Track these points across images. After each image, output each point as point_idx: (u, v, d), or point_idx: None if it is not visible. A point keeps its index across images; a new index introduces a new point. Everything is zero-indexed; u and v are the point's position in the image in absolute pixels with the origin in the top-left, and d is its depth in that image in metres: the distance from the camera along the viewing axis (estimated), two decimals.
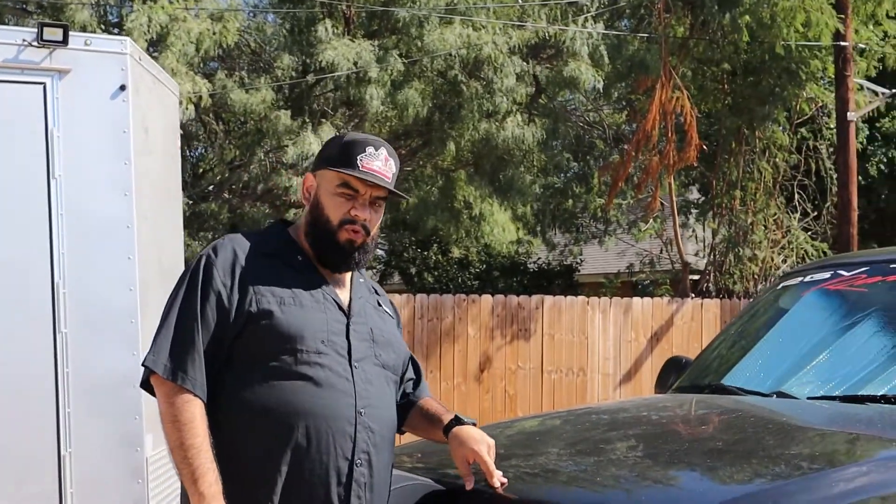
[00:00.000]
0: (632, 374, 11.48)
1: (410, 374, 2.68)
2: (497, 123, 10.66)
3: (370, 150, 2.46)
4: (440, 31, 10.13)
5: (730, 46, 12.60)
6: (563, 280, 15.59)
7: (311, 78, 10.36)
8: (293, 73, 10.12)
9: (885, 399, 2.99)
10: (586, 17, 10.85)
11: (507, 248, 14.67)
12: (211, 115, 10.34)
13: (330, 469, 2.34)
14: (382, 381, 2.48)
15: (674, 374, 4.10)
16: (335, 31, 9.87)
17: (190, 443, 2.29)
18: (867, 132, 15.40)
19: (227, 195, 10.74)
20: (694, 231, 14.13)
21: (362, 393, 2.39)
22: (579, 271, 16.46)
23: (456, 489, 2.44)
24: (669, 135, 11.30)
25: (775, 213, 13.83)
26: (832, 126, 14.89)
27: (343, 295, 2.52)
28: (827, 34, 12.05)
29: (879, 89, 13.54)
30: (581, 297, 11.07)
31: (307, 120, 10.08)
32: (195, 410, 2.32)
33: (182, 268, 5.24)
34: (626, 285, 16.86)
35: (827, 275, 3.76)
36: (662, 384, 4.14)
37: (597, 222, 13.72)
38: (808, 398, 3.19)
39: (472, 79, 10.62)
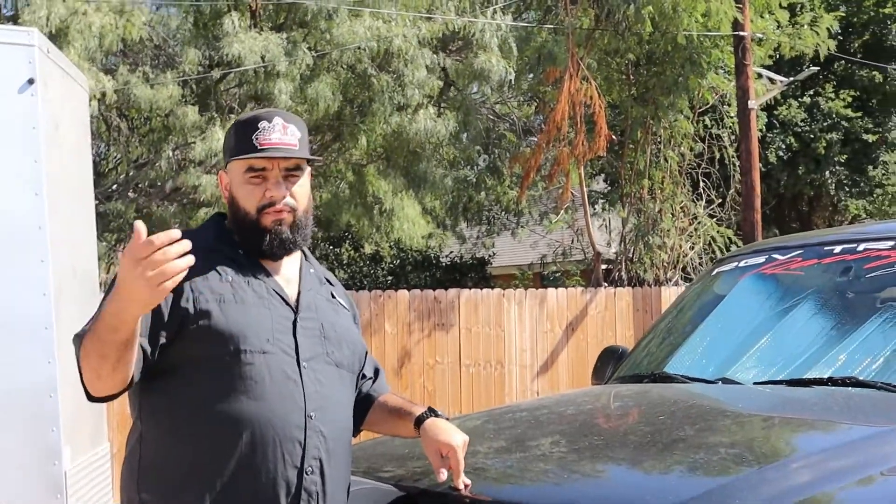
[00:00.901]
0: (549, 364, 11.53)
1: (369, 371, 2.55)
2: (409, 116, 10.56)
3: (263, 124, 2.33)
4: (350, 23, 9.98)
5: (633, 37, 12.74)
6: (475, 273, 15.59)
7: (215, 73, 10.10)
8: (199, 68, 9.85)
9: (831, 381, 2.99)
10: (495, 10, 10.82)
11: (418, 242, 14.60)
12: (115, 111, 9.99)
13: (277, 479, 2.19)
14: (336, 380, 2.34)
15: (611, 363, 4.06)
16: (241, 24, 9.63)
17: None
18: (766, 120, 15.77)
19: (132, 194, 10.40)
20: (604, 221, 14.26)
21: (312, 395, 2.25)
22: (491, 264, 16.48)
23: (415, 493, 2.34)
24: (579, 125, 11.35)
25: (682, 202, 14.05)
26: (732, 115, 15.22)
27: (290, 289, 2.38)
28: (726, 23, 12.28)
29: (778, 77, 13.86)
30: (497, 290, 11.06)
31: (215, 115, 9.83)
32: None
33: (96, 270, 5.02)
34: (538, 277, 16.95)
35: (761, 259, 3.77)
36: (600, 375, 4.10)
37: (508, 214, 13.73)
38: (755, 383, 3.18)
39: (383, 72, 10.49)
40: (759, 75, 14.06)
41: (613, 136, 11.74)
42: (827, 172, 15.69)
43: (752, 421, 2.76)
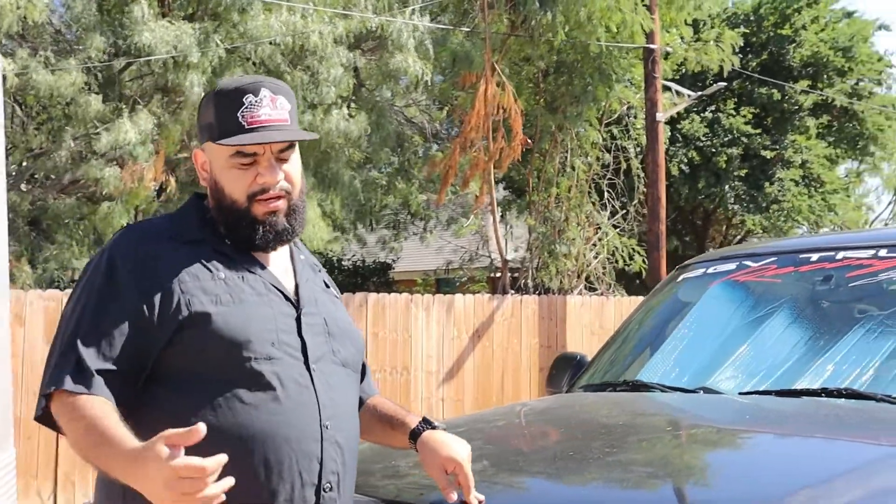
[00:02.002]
0: (454, 371, 11.40)
1: None
2: (321, 115, 10.27)
3: (249, 98, 2.00)
4: (265, 17, 9.65)
5: (545, 45, 12.73)
6: (378, 277, 15.34)
7: (119, 62, 9.63)
8: (105, 56, 9.36)
9: (825, 392, 2.89)
10: (413, 10, 10.63)
11: (322, 245, 14.29)
12: (11, 97, 9.42)
13: (295, 501, 1.92)
14: (344, 382, 2.07)
15: (569, 371, 3.91)
16: (151, 12, 9.20)
17: (94, 426, 1.82)
18: (669, 133, 16.00)
19: (26, 186, 9.81)
20: (509, 228, 14.21)
21: (326, 401, 1.98)
22: (394, 268, 16.26)
23: None
24: (490, 131, 11.25)
25: (588, 211, 14.10)
26: (638, 126, 15.39)
27: (287, 280, 2.09)
28: (640, 35, 12.38)
29: (685, 91, 14.05)
30: (405, 295, 10.86)
31: (121, 105, 9.36)
32: (95, 402, 1.85)
33: (5, 269, 4.61)
34: (437, 283, 16.82)
35: (731, 266, 3.67)
36: (556, 382, 3.94)
37: (415, 219, 13.55)
38: (741, 393, 3.06)
39: (297, 68, 10.18)
40: (667, 88, 14.23)
41: (530, 141, 11.68)
42: (727, 187, 15.99)
43: (763, 436, 2.61)
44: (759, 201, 16.10)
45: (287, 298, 2.04)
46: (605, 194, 14.68)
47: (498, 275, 13.40)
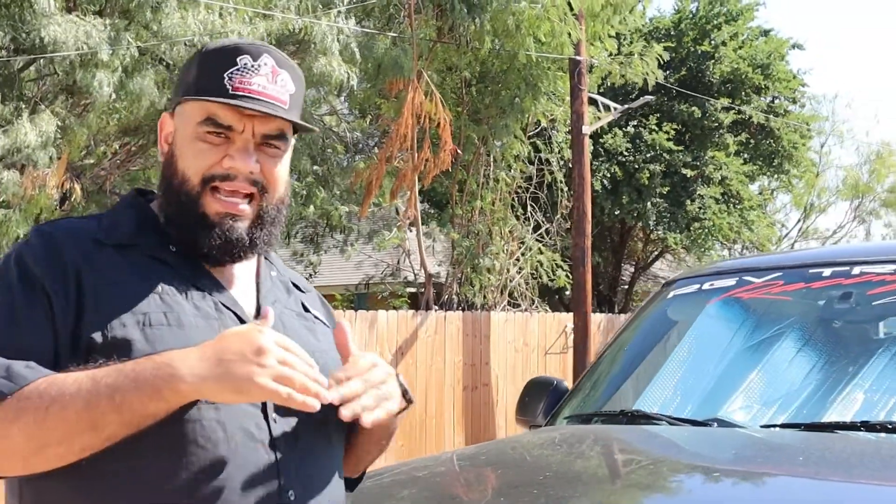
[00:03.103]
0: None
1: None
2: None
3: (244, 60, 1.55)
4: (181, 15, 9.04)
5: (471, 54, 12.39)
6: None
7: (18, 60, 8.92)
8: (4, 53, 8.64)
9: (865, 426, 2.52)
10: (339, 12, 10.14)
11: None
12: None
13: None
14: (320, 437, 1.57)
15: (545, 399, 3.48)
16: (57, 5, 8.52)
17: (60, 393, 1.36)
18: (592, 147, 15.81)
19: None
20: (433, 242, 13.81)
21: (289, 466, 1.49)
22: (313, 283, 15.68)
23: None
24: (415, 141, 10.82)
25: (512, 224, 13.79)
26: (560, 140, 15.16)
27: (246, 301, 1.61)
28: (569, 46, 12.12)
29: (612, 104, 13.86)
30: None
31: (21, 106, 8.64)
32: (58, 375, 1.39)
33: None
34: (364, 298, 16.30)
35: (731, 281, 3.29)
36: (530, 410, 3.51)
37: (334, 231, 13.03)
38: (762, 426, 2.67)
39: None
40: (593, 101, 14.03)
41: (459, 151, 11.29)
42: (648, 203, 15.85)
43: (819, 483, 2.21)
44: (680, 219, 16.01)
45: (243, 323, 1.54)
46: (529, 208, 14.40)
47: (421, 290, 12.96)
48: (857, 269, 3.02)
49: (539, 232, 14.51)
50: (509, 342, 12.80)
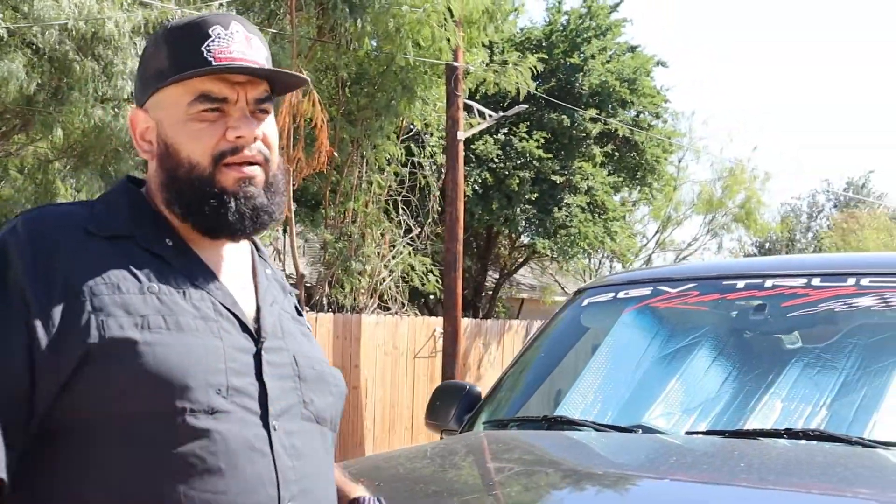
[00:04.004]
0: None
1: None
2: (114, 111, 9.38)
3: (217, 30, 1.49)
4: None
5: (350, 55, 12.32)
6: None
7: None
8: None
9: (788, 434, 2.61)
10: (221, 4, 9.93)
11: None
12: None
13: None
14: (317, 443, 1.51)
15: (457, 404, 3.48)
16: None
17: None
18: (464, 153, 15.95)
19: None
20: (305, 242, 13.66)
21: (288, 474, 1.42)
22: None
23: None
24: (286, 140, 10.67)
25: (385, 227, 13.77)
26: (433, 144, 15.23)
27: (245, 299, 1.53)
28: (447, 50, 12.18)
29: (487, 111, 14.01)
30: None
31: None
32: None
33: None
34: None
35: (646, 291, 3.36)
36: (441, 415, 3.51)
37: None
38: (688, 433, 2.74)
39: (88, 57, 9.24)
40: (469, 107, 14.14)
41: (335, 153, 11.19)
42: (518, 209, 16.09)
43: (753, 492, 2.28)
44: (548, 225, 16.31)
45: (244, 327, 1.47)
46: (401, 212, 14.40)
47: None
48: (769, 282, 3.14)
49: (410, 236, 14.54)
50: (379, 345, 12.78)
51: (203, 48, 1.47)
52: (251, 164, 1.50)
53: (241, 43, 1.50)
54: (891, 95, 74.73)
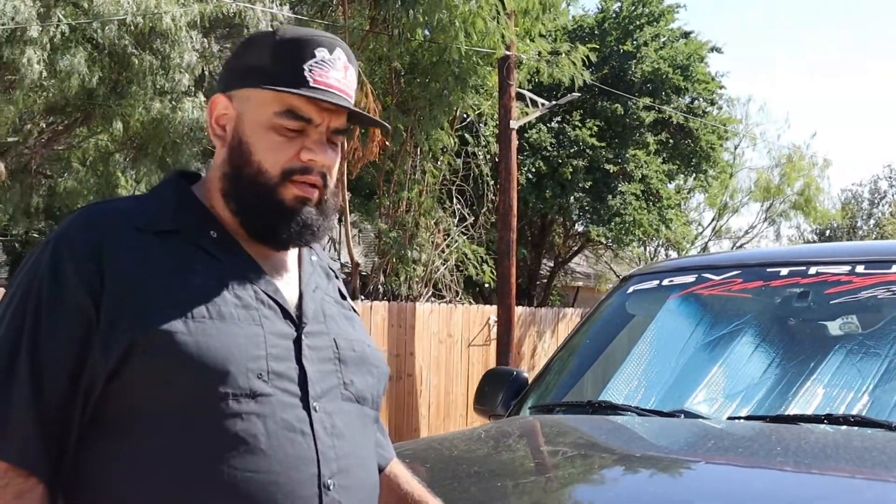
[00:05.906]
0: None
1: None
2: (172, 103, 9.57)
3: (322, 53, 1.56)
4: None
5: (403, 46, 12.40)
6: None
7: None
8: None
9: (829, 419, 2.64)
10: None
11: None
12: None
13: None
14: (357, 424, 1.59)
15: (504, 389, 3.56)
16: None
17: None
18: (517, 142, 15.98)
19: None
20: (360, 232, 13.80)
21: (328, 452, 1.50)
22: None
23: None
24: (353, 129, 10.80)
25: (439, 216, 13.86)
26: (487, 133, 15.28)
27: (288, 287, 1.60)
28: (500, 43, 12.21)
29: (539, 99, 14.01)
30: None
31: None
32: None
33: None
34: None
35: (690, 278, 3.41)
36: (489, 400, 3.58)
37: None
38: (730, 418, 2.78)
39: (146, 51, 9.44)
40: (521, 97, 14.15)
41: (388, 143, 11.29)
42: (571, 198, 16.08)
43: (792, 476, 2.33)
44: (602, 213, 16.28)
45: (285, 312, 1.56)
46: (455, 201, 14.48)
47: (347, 280, 12.93)
48: (813, 270, 3.16)
49: (464, 224, 14.61)
50: (433, 333, 12.88)
51: (305, 66, 1.55)
52: (312, 185, 1.57)
53: (340, 71, 1.57)
54: None
